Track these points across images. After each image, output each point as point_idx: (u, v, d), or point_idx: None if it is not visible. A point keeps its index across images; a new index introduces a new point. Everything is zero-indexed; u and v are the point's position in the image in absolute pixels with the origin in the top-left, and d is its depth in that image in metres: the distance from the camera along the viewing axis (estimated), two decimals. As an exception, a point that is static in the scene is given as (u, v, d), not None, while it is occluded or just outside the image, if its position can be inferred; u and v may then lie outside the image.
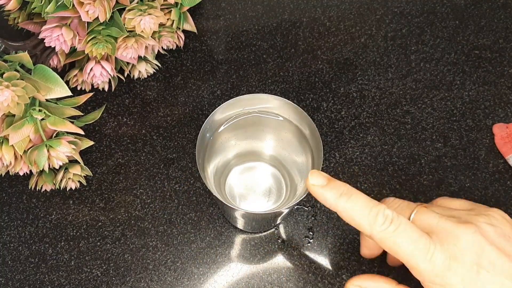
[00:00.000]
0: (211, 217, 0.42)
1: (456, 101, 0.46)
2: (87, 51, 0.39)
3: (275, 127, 0.39)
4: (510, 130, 0.44)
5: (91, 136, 0.44)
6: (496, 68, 0.47)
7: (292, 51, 0.48)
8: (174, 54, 0.48)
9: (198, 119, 0.46)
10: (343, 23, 0.49)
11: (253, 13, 0.50)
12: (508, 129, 0.44)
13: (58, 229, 0.42)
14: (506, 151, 0.43)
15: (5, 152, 0.36)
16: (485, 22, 0.49)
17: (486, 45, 0.48)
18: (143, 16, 0.39)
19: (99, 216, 0.42)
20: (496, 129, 0.44)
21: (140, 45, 0.41)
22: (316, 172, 0.30)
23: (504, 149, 0.43)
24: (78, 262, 0.41)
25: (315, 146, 0.35)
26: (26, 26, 0.41)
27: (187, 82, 0.47)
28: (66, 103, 0.40)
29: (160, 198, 0.43)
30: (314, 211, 0.42)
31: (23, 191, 0.43)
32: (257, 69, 0.47)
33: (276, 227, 0.42)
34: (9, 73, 0.34)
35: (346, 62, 0.48)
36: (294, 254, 0.41)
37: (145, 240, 0.41)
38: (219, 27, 0.49)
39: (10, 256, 0.41)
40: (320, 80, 0.47)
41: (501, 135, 0.44)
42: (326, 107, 0.46)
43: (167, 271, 0.40)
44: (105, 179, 0.43)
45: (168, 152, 0.44)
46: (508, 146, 0.43)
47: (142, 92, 0.47)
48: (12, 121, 0.36)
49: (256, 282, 0.40)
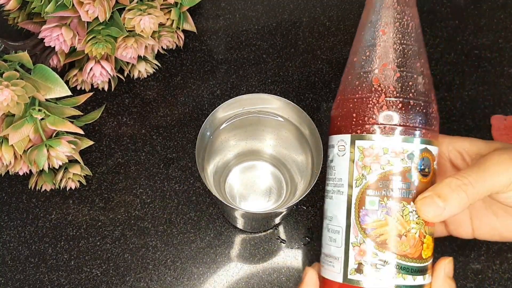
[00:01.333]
0: (211, 217, 0.42)
1: (456, 101, 0.46)
2: (87, 50, 0.39)
3: (275, 127, 0.39)
4: (508, 122, 0.44)
5: (91, 136, 0.44)
6: (495, 68, 0.47)
7: (292, 51, 0.48)
8: (174, 54, 0.48)
9: (198, 119, 0.46)
10: (343, 23, 0.49)
11: (253, 13, 0.50)
12: (506, 121, 0.44)
13: (58, 229, 0.42)
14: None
15: (5, 151, 0.36)
16: (484, 22, 0.49)
17: (486, 45, 0.48)
18: (142, 15, 0.39)
19: (99, 216, 0.42)
20: (494, 121, 0.44)
21: (139, 45, 0.41)
22: (423, 204, 0.29)
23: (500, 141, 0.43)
24: (78, 262, 0.41)
25: (315, 146, 0.35)
26: (26, 26, 0.41)
27: (187, 82, 0.47)
28: (66, 103, 0.40)
29: (160, 198, 0.43)
30: (314, 211, 0.42)
31: (23, 191, 0.43)
32: (257, 69, 0.47)
33: (276, 227, 0.42)
34: (9, 73, 0.34)
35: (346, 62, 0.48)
36: (294, 254, 0.41)
37: (145, 240, 0.41)
38: (219, 27, 0.49)
39: (10, 256, 0.41)
40: (320, 80, 0.47)
41: (498, 126, 0.44)
42: (326, 107, 0.46)
43: (167, 270, 0.40)
44: (105, 179, 0.43)
45: (168, 152, 0.44)
46: (504, 138, 0.43)
47: (142, 92, 0.47)
48: (12, 121, 0.36)
49: (256, 282, 0.40)
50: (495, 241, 0.34)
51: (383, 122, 0.29)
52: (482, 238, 0.34)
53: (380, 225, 0.29)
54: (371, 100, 0.30)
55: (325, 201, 0.32)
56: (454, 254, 0.40)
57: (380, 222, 0.29)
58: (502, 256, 0.40)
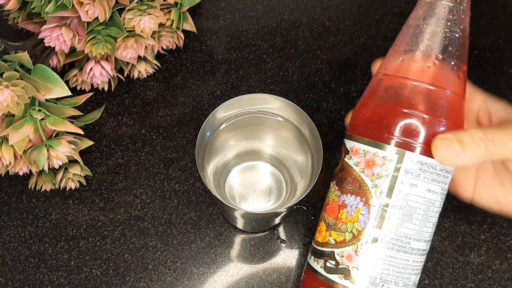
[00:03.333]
0: (210, 217, 0.42)
1: (456, 101, 0.46)
2: (87, 51, 0.39)
3: (275, 127, 0.39)
4: None
5: (90, 136, 0.44)
6: (496, 68, 0.47)
7: (292, 51, 0.48)
8: (173, 54, 0.48)
9: (197, 119, 0.46)
10: (343, 23, 0.49)
11: (252, 13, 0.50)
12: None
13: (58, 229, 0.42)
14: None
15: (5, 152, 0.36)
16: (484, 22, 0.49)
17: (486, 45, 0.48)
18: (142, 16, 0.39)
19: (98, 216, 0.42)
20: None
21: (139, 45, 0.41)
22: (442, 143, 0.29)
23: None
24: (77, 262, 0.41)
25: (315, 146, 0.35)
26: (26, 26, 0.41)
27: (186, 82, 0.47)
28: (66, 103, 0.40)
29: (159, 198, 0.43)
30: (314, 211, 0.42)
31: (23, 191, 0.43)
32: (256, 69, 0.47)
33: (276, 227, 0.42)
34: (9, 73, 0.34)
35: (346, 62, 0.48)
36: (294, 254, 0.41)
37: (144, 240, 0.41)
38: (219, 27, 0.49)
39: (10, 256, 0.41)
40: (320, 80, 0.47)
41: None
42: (326, 107, 0.46)
43: (166, 271, 0.40)
44: (104, 179, 0.43)
45: (167, 152, 0.44)
46: None
47: (141, 92, 0.47)
48: (12, 121, 0.36)
49: (256, 282, 0.40)
50: (491, 210, 0.34)
51: None
52: (479, 203, 0.34)
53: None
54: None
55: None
56: (454, 254, 0.40)
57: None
58: (502, 256, 0.40)
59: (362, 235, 0.30)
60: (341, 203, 0.31)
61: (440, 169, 0.30)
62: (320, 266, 0.32)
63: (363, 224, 0.30)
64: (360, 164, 0.31)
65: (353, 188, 0.31)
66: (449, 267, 0.40)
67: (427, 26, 0.31)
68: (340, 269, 0.31)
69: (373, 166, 0.30)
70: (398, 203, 0.30)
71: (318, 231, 0.34)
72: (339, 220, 0.31)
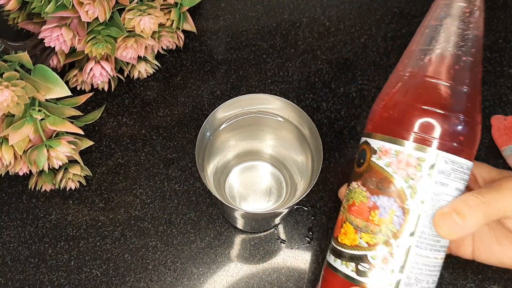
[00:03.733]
0: (210, 217, 0.42)
1: (456, 101, 0.46)
2: (87, 51, 0.39)
3: (275, 127, 0.39)
4: (508, 122, 0.44)
5: (90, 136, 0.44)
6: (496, 68, 0.47)
7: (292, 51, 0.48)
8: (173, 54, 0.48)
9: (197, 119, 0.46)
10: (343, 23, 0.49)
11: (253, 13, 0.50)
12: (506, 121, 0.44)
13: (58, 229, 0.42)
14: (501, 143, 0.43)
15: (5, 152, 0.36)
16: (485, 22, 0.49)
17: (486, 45, 0.48)
18: (142, 16, 0.39)
19: (98, 216, 0.42)
20: (494, 121, 0.44)
21: (139, 45, 0.41)
22: (442, 219, 0.29)
23: (500, 141, 0.43)
24: (77, 262, 0.41)
25: (315, 146, 0.35)
26: (26, 26, 0.41)
27: (186, 82, 0.47)
28: (66, 103, 0.40)
29: (159, 198, 0.43)
30: (314, 211, 0.42)
31: (23, 191, 0.43)
32: (256, 69, 0.47)
33: (276, 227, 0.42)
34: (9, 73, 0.34)
35: (346, 62, 0.48)
36: (294, 254, 0.41)
37: (144, 240, 0.41)
38: (219, 27, 0.49)
39: (10, 256, 0.41)
40: (320, 80, 0.47)
41: (498, 127, 0.44)
42: (326, 107, 0.46)
43: (166, 271, 0.40)
44: (104, 179, 0.43)
45: (168, 152, 0.44)
46: (504, 138, 0.43)
47: (141, 92, 0.47)
48: (12, 121, 0.36)
49: (256, 282, 0.40)
50: (493, 265, 0.35)
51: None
52: (480, 260, 0.35)
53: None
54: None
55: None
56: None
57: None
58: (502, 256, 0.40)
59: (396, 237, 0.29)
60: (372, 204, 0.30)
61: (467, 167, 0.30)
62: (351, 270, 0.31)
63: (398, 226, 0.29)
64: (392, 165, 0.30)
65: (384, 189, 0.30)
66: (449, 267, 0.40)
67: (452, 28, 0.31)
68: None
69: (407, 166, 0.30)
70: (431, 202, 0.29)
71: (343, 233, 0.32)
72: (370, 222, 0.30)
